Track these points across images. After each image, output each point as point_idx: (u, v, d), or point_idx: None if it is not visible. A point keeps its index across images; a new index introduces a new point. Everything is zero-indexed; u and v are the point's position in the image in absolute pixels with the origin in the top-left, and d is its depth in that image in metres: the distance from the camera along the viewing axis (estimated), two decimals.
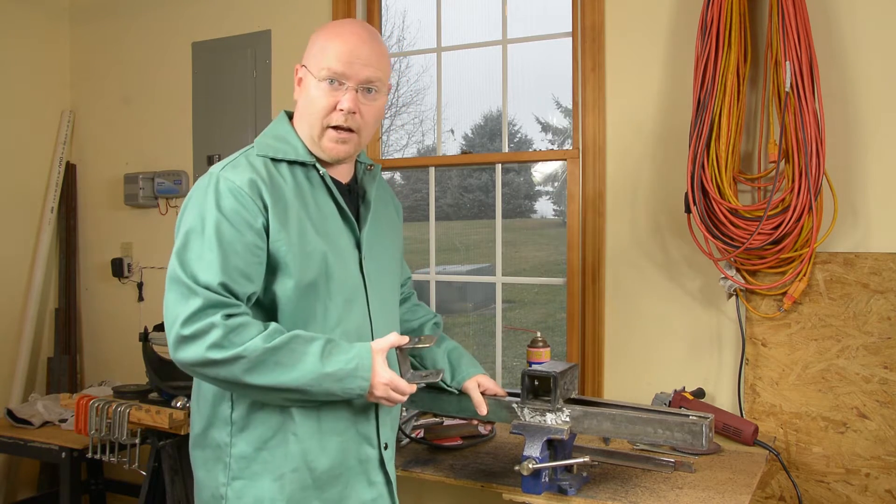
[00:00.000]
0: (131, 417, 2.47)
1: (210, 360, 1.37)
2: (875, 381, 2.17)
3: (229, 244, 1.41)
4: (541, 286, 3.21)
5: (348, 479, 1.54)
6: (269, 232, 1.45)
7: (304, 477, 1.49)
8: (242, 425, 1.49)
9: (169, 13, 3.52)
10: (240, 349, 1.36)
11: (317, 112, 1.50)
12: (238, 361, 1.36)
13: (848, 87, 2.23)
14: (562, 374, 1.76)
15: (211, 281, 1.38)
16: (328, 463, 1.51)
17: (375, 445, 1.57)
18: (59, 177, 3.68)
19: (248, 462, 1.48)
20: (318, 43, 1.53)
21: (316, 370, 1.39)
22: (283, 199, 1.47)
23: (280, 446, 1.48)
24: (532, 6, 2.89)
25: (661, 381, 2.48)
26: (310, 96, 1.51)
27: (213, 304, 1.37)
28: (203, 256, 1.40)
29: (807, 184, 2.09)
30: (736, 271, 2.32)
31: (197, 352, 1.37)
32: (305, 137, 1.55)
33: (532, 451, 1.73)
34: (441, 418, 2.34)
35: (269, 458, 1.48)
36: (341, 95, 1.49)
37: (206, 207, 1.43)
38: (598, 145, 2.59)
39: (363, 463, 1.56)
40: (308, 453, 1.48)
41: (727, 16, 2.23)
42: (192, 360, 1.38)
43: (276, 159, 1.52)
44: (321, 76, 1.48)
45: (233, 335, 1.36)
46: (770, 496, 2.29)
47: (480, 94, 3.20)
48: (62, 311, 3.69)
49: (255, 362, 1.37)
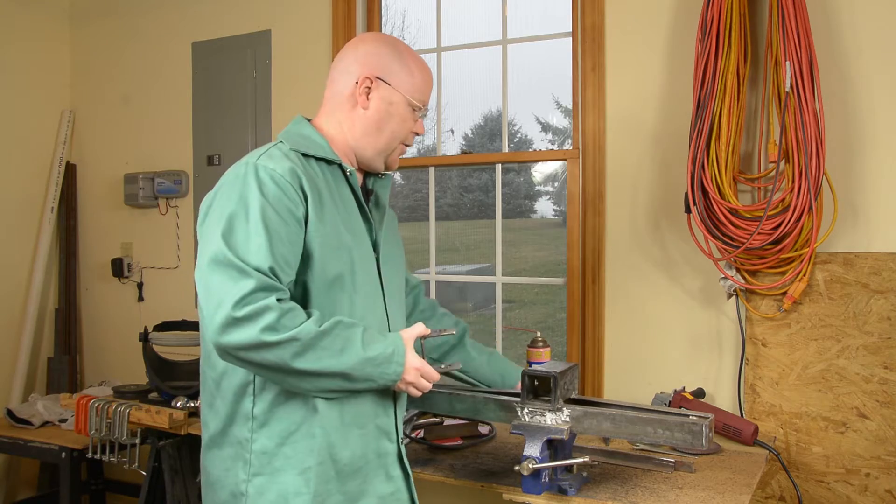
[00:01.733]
0: (131, 417, 2.48)
1: (263, 343, 1.34)
2: (875, 381, 2.17)
3: (275, 231, 1.40)
4: (541, 286, 3.21)
5: (367, 473, 1.55)
6: (308, 223, 1.46)
7: (328, 470, 1.50)
8: (264, 420, 1.48)
9: (169, 13, 3.52)
10: (294, 332, 1.36)
11: (403, 132, 1.63)
12: (290, 344, 1.36)
13: (848, 87, 2.23)
14: (562, 374, 1.76)
15: (262, 264, 1.38)
16: (350, 456, 1.52)
17: (394, 440, 1.60)
18: (59, 177, 3.68)
19: (269, 457, 1.48)
20: (405, 65, 1.62)
21: (360, 355, 1.42)
22: (318, 192, 1.50)
23: (304, 440, 1.48)
24: (532, 6, 2.89)
25: (661, 381, 2.48)
26: (398, 115, 1.61)
27: (266, 287, 1.36)
28: (250, 240, 1.39)
29: (807, 184, 2.09)
30: (736, 271, 2.32)
31: (250, 334, 1.34)
32: (372, 148, 1.62)
33: (532, 451, 1.73)
34: (441, 418, 2.34)
35: (292, 452, 1.48)
36: (418, 118, 1.65)
37: (249, 193, 1.42)
38: (598, 145, 2.59)
39: (382, 457, 1.58)
40: (333, 446, 1.50)
41: (727, 16, 2.23)
42: (242, 343, 1.35)
43: (306, 154, 1.56)
44: (415, 106, 1.62)
45: (286, 318, 1.36)
46: (770, 496, 2.29)
47: (480, 94, 3.20)
48: (62, 311, 3.70)
49: (307, 346, 1.37)
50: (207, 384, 1.56)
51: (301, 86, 3.18)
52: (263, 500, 1.47)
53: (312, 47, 3.15)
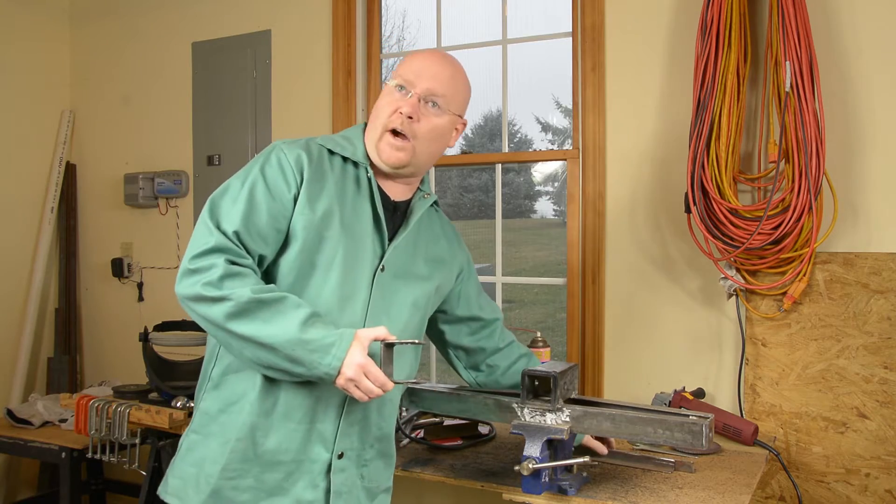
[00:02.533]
0: (131, 417, 2.47)
1: (201, 296, 1.42)
2: (875, 381, 2.17)
3: (258, 203, 1.49)
4: (541, 286, 3.21)
5: (292, 472, 1.52)
6: (296, 204, 1.51)
7: (248, 450, 1.50)
8: (216, 383, 1.55)
9: (169, 13, 3.52)
10: (228, 292, 1.41)
11: (381, 114, 1.59)
12: (224, 303, 1.40)
13: (848, 87, 2.23)
14: (562, 374, 1.76)
15: (228, 228, 1.46)
16: (273, 446, 1.51)
17: (330, 450, 1.54)
18: (59, 177, 3.68)
19: (208, 420, 1.54)
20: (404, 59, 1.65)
21: (292, 334, 1.39)
22: (321, 182, 1.54)
23: (237, 414, 1.51)
24: (532, 6, 2.89)
25: (661, 381, 2.48)
26: (379, 103, 1.61)
27: (223, 248, 1.45)
28: (234, 205, 1.48)
29: (807, 184, 2.09)
30: (736, 271, 2.32)
31: (193, 287, 1.43)
32: (370, 142, 1.62)
33: (532, 451, 1.73)
34: (441, 418, 2.34)
35: (226, 421, 1.52)
36: (403, 99, 1.57)
37: (253, 168, 1.53)
38: (598, 145, 2.59)
39: (312, 462, 1.53)
40: (256, 429, 1.50)
41: (727, 16, 2.23)
42: (187, 294, 1.44)
43: (332, 152, 1.60)
44: (392, 82, 1.59)
45: (228, 279, 1.42)
46: (770, 496, 2.29)
47: (480, 94, 3.20)
48: (62, 311, 3.69)
49: (239, 309, 1.40)
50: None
51: (301, 86, 3.18)
52: (189, 456, 1.55)
53: (312, 47, 3.15)
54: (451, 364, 1.95)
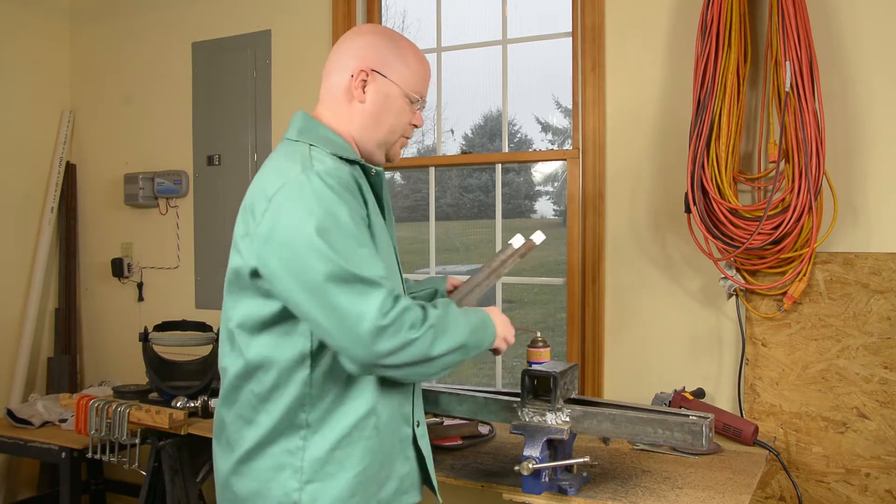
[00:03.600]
0: (131, 417, 2.48)
1: (410, 341, 1.37)
2: (875, 381, 2.17)
3: (368, 237, 1.44)
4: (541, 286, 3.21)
5: (392, 457, 1.58)
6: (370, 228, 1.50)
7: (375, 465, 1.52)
8: (317, 428, 1.47)
9: (169, 13, 3.52)
10: (430, 321, 1.41)
11: (401, 125, 1.60)
12: (428, 334, 1.40)
13: (848, 87, 2.23)
14: (562, 374, 1.77)
15: (380, 272, 1.39)
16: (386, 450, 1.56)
17: (410, 424, 1.62)
18: (59, 177, 3.68)
19: (322, 463, 1.47)
20: (401, 56, 1.59)
21: (468, 324, 1.49)
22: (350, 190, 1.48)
23: (360, 441, 1.49)
24: (532, 6, 2.89)
25: (661, 381, 2.48)
26: (395, 107, 1.58)
27: (394, 293, 1.39)
28: (356, 251, 1.38)
29: (807, 184, 2.09)
30: (736, 271, 2.32)
31: (399, 337, 1.36)
32: (372, 141, 1.59)
33: (532, 451, 1.73)
34: (441, 418, 2.34)
35: (344, 456, 1.48)
36: (416, 110, 1.62)
37: (331, 204, 1.39)
38: (598, 145, 2.59)
39: (402, 441, 1.60)
40: (384, 443, 1.53)
41: (727, 16, 2.23)
42: (394, 347, 1.36)
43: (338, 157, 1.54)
44: (413, 98, 1.59)
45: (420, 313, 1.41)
46: (770, 496, 2.29)
47: (480, 94, 3.20)
48: (62, 311, 3.69)
49: (439, 331, 1.42)
50: (247, 400, 1.51)
51: (301, 86, 3.18)
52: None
53: (312, 47, 3.15)
54: None
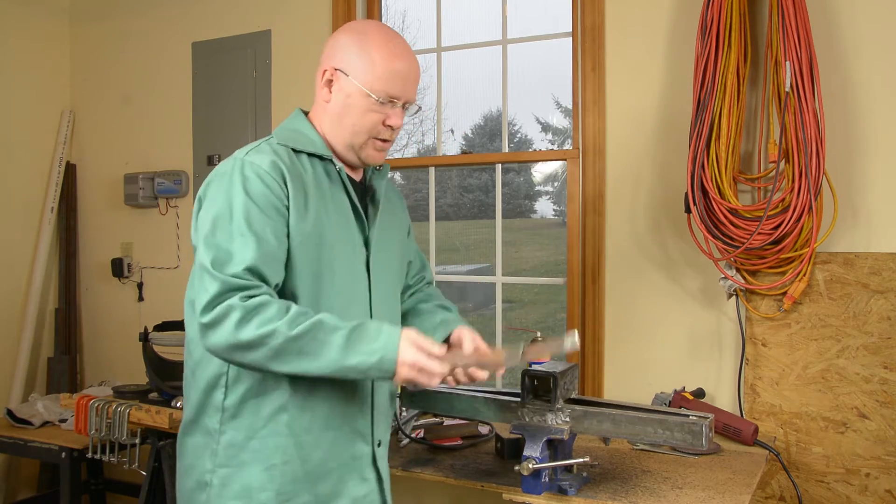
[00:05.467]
0: (131, 417, 2.48)
1: (232, 345, 1.35)
2: (875, 381, 2.17)
3: (261, 228, 1.40)
4: (541, 286, 3.21)
5: (341, 475, 1.54)
6: (289, 221, 1.45)
7: (296, 469, 1.48)
8: (234, 412, 1.47)
9: (169, 13, 3.52)
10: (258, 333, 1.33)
11: (366, 126, 1.52)
12: (260, 348, 1.34)
13: (848, 87, 2.23)
14: (562, 374, 1.76)
15: (236, 268, 1.37)
16: (321, 457, 1.50)
17: (369, 442, 1.58)
18: (59, 177, 3.68)
19: (237, 450, 1.47)
20: (363, 53, 1.51)
21: (338, 362, 1.36)
22: (302, 189, 1.48)
23: (272, 437, 1.47)
24: (532, 6, 2.89)
25: (661, 381, 2.48)
26: (356, 107, 1.52)
27: (231, 288, 1.36)
28: (234, 240, 1.39)
29: (807, 184, 2.09)
30: (736, 271, 2.32)
31: (220, 338, 1.35)
32: (338, 141, 1.56)
33: (532, 451, 1.73)
34: (441, 418, 2.34)
35: (260, 447, 1.47)
36: (389, 110, 1.52)
37: (234, 192, 1.43)
38: (598, 145, 2.59)
39: (357, 459, 1.55)
40: (301, 447, 1.48)
41: (727, 16, 2.23)
42: (219, 346, 1.36)
43: (296, 150, 1.53)
44: (378, 96, 1.50)
45: (251, 319, 1.34)
46: (770, 496, 2.29)
47: (480, 94, 3.20)
48: (62, 311, 3.69)
49: (279, 350, 1.34)
50: (186, 372, 1.57)
51: (301, 86, 3.18)
52: (227, 491, 1.47)
53: (312, 47, 3.15)
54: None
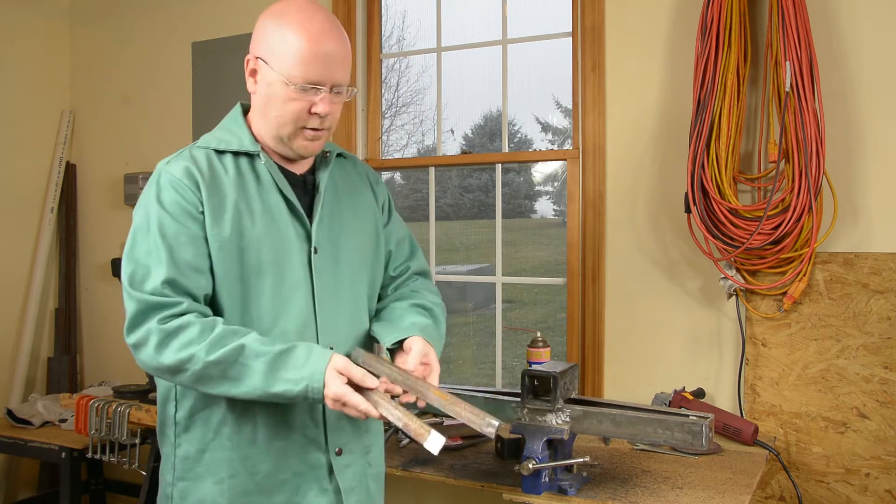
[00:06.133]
0: (131, 417, 2.48)
1: (159, 369, 1.37)
2: (875, 381, 2.17)
3: (174, 237, 1.38)
4: (541, 286, 3.20)
5: (298, 485, 1.47)
6: (205, 226, 1.41)
7: (245, 482, 1.44)
8: (186, 426, 1.47)
9: (169, 13, 3.52)
10: (178, 358, 1.33)
11: (290, 115, 1.43)
12: (182, 374, 1.35)
13: (848, 87, 2.23)
14: (562, 374, 1.77)
15: (153, 282, 1.36)
16: (269, 468, 1.45)
17: (324, 451, 1.49)
18: (59, 177, 3.68)
19: (191, 463, 1.46)
20: (281, 38, 1.40)
21: (262, 389, 1.32)
22: (219, 192, 1.43)
23: (219, 450, 1.44)
24: (532, 6, 2.89)
25: (661, 381, 2.48)
26: (277, 97, 1.42)
27: (147, 309, 1.36)
28: (150, 254, 1.38)
29: (807, 184, 2.10)
30: (736, 271, 2.32)
31: (147, 362, 1.37)
32: (267, 134, 1.48)
33: (532, 451, 1.73)
34: (441, 418, 2.34)
35: (211, 460, 1.45)
36: (314, 97, 1.42)
37: (150, 203, 1.42)
38: (598, 145, 2.59)
39: (314, 469, 1.48)
40: (247, 459, 1.44)
41: (727, 16, 2.23)
42: (147, 368, 1.39)
43: (219, 151, 1.48)
44: (295, 82, 1.39)
45: (169, 340, 1.34)
46: (770, 496, 2.29)
47: (480, 94, 3.20)
48: (62, 311, 3.69)
49: (200, 375, 1.34)
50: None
51: None
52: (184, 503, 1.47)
53: None
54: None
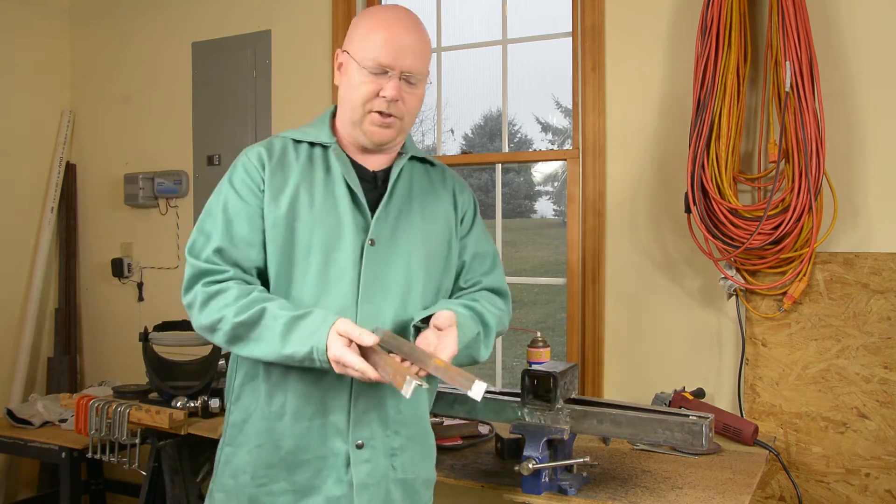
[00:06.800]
0: (131, 417, 2.48)
1: (202, 328, 1.49)
2: (875, 381, 2.17)
3: (235, 213, 1.50)
4: (541, 286, 3.21)
5: (320, 469, 1.50)
6: (263, 203, 1.52)
7: (271, 454, 1.51)
8: (238, 395, 1.57)
9: (169, 13, 3.52)
10: (214, 319, 1.45)
11: (360, 98, 1.52)
12: (217, 333, 1.46)
13: (848, 87, 2.23)
14: (562, 374, 1.77)
15: (207, 250, 1.49)
16: (293, 446, 1.50)
17: (346, 441, 1.50)
18: (59, 177, 3.68)
19: (236, 431, 1.55)
20: (361, 28, 1.54)
21: (277, 350, 1.41)
22: (284, 173, 1.53)
23: (258, 420, 1.53)
24: (532, 6, 2.89)
25: (661, 381, 2.48)
26: (352, 82, 1.53)
27: (197, 275, 1.48)
28: (213, 226, 1.51)
29: (807, 184, 2.10)
30: (736, 271, 2.32)
31: (193, 318, 1.49)
32: (346, 121, 1.57)
33: (532, 451, 1.73)
34: (441, 418, 2.34)
35: (251, 429, 1.53)
36: (385, 83, 1.50)
37: (224, 182, 1.56)
38: (598, 145, 2.59)
39: (335, 456, 1.50)
40: (274, 432, 1.51)
41: (727, 16, 2.23)
42: (196, 326, 1.50)
43: (297, 140, 1.59)
44: (366, 65, 1.50)
45: (208, 306, 1.45)
46: (770, 496, 2.29)
47: (480, 94, 3.21)
48: (62, 311, 3.69)
49: (230, 336, 1.44)
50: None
51: (301, 86, 3.18)
52: (227, 469, 1.55)
53: (312, 47, 3.15)
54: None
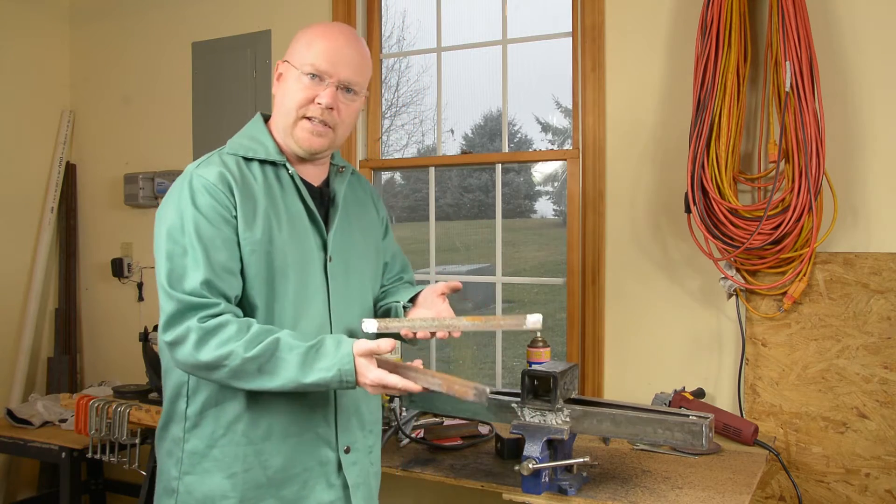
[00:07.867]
0: (131, 417, 2.48)
1: (195, 366, 1.41)
2: (875, 381, 2.17)
3: (210, 240, 1.43)
4: (541, 286, 3.20)
5: (307, 480, 1.54)
6: (238, 230, 1.47)
7: (258, 476, 1.50)
8: (196, 422, 1.51)
9: (169, 13, 3.52)
10: (217, 355, 1.38)
11: (294, 103, 1.52)
12: (220, 370, 1.39)
13: (848, 87, 2.23)
14: (562, 374, 1.77)
15: (191, 282, 1.41)
16: (282, 463, 1.51)
17: (334, 448, 1.56)
18: (59, 177, 3.68)
19: (199, 458, 1.50)
20: (304, 39, 1.56)
21: (296, 380, 1.39)
22: (251, 198, 1.50)
23: (230, 446, 1.49)
24: (532, 6, 2.89)
25: (661, 381, 2.48)
26: (288, 89, 1.53)
27: (188, 308, 1.40)
28: (186, 255, 1.43)
29: (807, 184, 2.10)
30: (736, 271, 2.32)
31: (183, 358, 1.41)
32: (280, 131, 1.57)
33: (532, 451, 1.73)
34: (441, 418, 2.35)
35: (221, 455, 1.49)
36: (321, 90, 1.51)
37: (184, 205, 1.46)
38: (598, 145, 2.59)
39: (323, 465, 1.55)
40: (261, 454, 1.49)
41: (727, 16, 2.23)
42: (183, 364, 1.43)
43: (247, 158, 1.55)
44: (304, 70, 1.51)
45: (209, 338, 1.39)
46: (770, 496, 2.29)
47: (480, 94, 3.20)
48: (62, 311, 3.69)
49: (237, 371, 1.39)
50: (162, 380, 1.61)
51: None
52: (191, 498, 1.50)
53: None
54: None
